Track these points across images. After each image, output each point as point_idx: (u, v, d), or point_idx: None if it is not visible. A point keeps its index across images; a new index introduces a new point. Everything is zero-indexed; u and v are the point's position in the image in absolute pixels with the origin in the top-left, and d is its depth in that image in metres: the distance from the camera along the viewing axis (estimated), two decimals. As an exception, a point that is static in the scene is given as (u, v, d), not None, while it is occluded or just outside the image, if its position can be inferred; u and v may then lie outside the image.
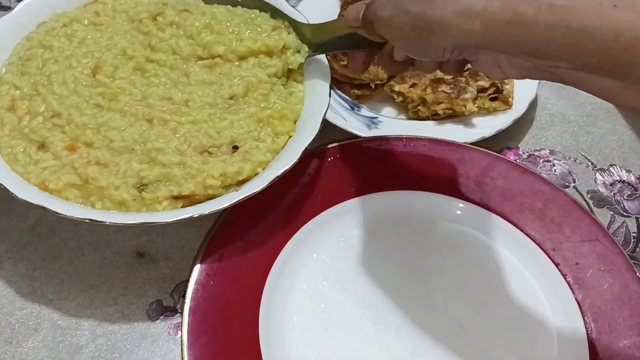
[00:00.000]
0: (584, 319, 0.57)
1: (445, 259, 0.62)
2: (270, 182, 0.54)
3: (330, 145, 0.66)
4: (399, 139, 0.67)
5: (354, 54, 0.59)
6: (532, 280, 0.60)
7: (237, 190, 0.56)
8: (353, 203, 0.64)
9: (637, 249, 0.66)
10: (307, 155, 0.63)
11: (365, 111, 0.73)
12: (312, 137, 0.58)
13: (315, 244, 0.61)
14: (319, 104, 0.61)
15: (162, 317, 0.58)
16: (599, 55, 0.39)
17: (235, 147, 0.59)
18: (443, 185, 0.65)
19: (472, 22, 0.42)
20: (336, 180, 0.64)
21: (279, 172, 0.55)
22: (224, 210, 0.55)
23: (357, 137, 0.67)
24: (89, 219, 0.51)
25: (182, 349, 0.51)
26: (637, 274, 0.58)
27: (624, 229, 0.68)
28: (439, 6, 0.43)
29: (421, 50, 0.48)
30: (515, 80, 0.75)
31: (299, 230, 0.61)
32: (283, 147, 0.60)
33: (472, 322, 0.57)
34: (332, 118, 0.69)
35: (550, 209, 0.63)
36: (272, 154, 0.59)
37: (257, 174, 0.57)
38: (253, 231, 0.59)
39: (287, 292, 0.58)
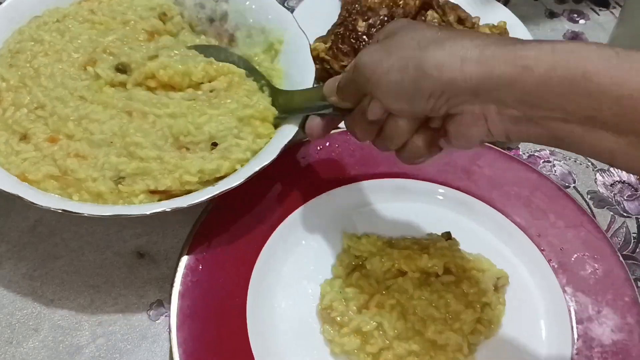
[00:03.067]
0: (567, 303, 0.58)
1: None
2: (246, 179, 0.55)
3: None
4: None
5: (313, 121, 0.56)
6: (518, 264, 0.61)
7: (214, 186, 0.56)
8: (341, 191, 0.64)
9: (638, 250, 0.66)
10: (295, 144, 0.65)
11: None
12: (291, 136, 0.58)
13: (304, 230, 0.62)
14: None
15: (162, 317, 0.58)
16: (601, 102, 0.37)
17: (215, 144, 0.59)
18: (431, 173, 0.66)
19: (468, 64, 0.40)
20: (324, 169, 0.65)
21: (256, 169, 0.55)
22: (213, 198, 0.55)
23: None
24: (62, 210, 0.52)
25: (170, 331, 0.52)
26: (620, 259, 0.60)
27: (624, 229, 0.68)
28: (434, 48, 0.42)
29: (407, 98, 0.44)
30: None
31: (288, 217, 0.61)
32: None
33: None
34: (333, 118, 0.69)
35: (536, 196, 0.64)
36: (251, 153, 0.58)
37: (236, 170, 0.57)
38: (243, 217, 0.60)
39: (275, 277, 0.59)
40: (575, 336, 0.56)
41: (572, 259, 0.60)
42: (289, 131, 0.59)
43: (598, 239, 0.61)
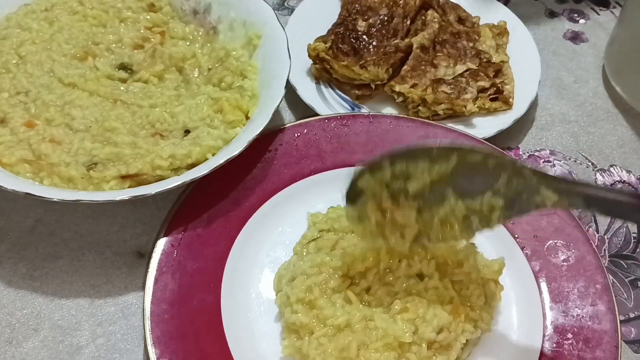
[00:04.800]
0: (539, 289, 0.58)
1: None
2: (214, 168, 0.56)
3: (295, 123, 0.67)
4: (365, 116, 0.68)
5: None
6: (492, 251, 0.61)
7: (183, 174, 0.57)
8: (317, 178, 0.64)
9: (638, 250, 0.66)
10: (274, 132, 0.65)
11: (365, 111, 0.73)
12: (262, 128, 0.59)
13: (280, 217, 0.62)
14: (272, 96, 0.62)
15: (162, 317, 0.58)
16: None
17: (187, 132, 0.60)
18: None
19: None
20: (301, 157, 0.65)
21: (225, 158, 0.56)
22: (189, 184, 0.55)
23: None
24: (26, 193, 0.52)
25: (143, 315, 0.52)
26: (593, 247, 0.60)
27: (624, 229, 0.68)
28: None
29: None
30: (515, 81, 0.75)
31: (264, 204, 0.62)
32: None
33: None
34: (333, 118, 0.69)
35: None
36: (223, 142, 0.60)
37: (207, 159, 0.58)
38: (218, 205, 0.61)
39: (250, 264, 0.59)
40: (547, 323, 0.56)
41: (546, 246, 0.61)
42: (260, 121, 0.59)
43: (571, 227, 0.61)
